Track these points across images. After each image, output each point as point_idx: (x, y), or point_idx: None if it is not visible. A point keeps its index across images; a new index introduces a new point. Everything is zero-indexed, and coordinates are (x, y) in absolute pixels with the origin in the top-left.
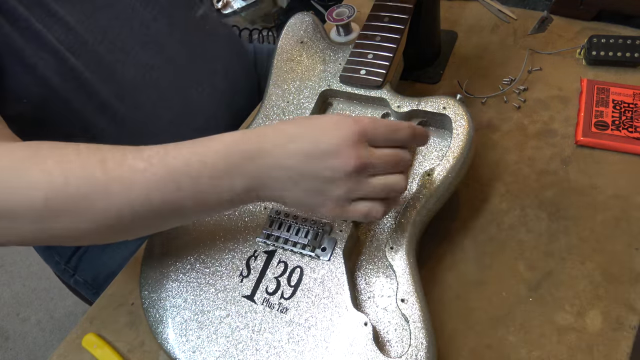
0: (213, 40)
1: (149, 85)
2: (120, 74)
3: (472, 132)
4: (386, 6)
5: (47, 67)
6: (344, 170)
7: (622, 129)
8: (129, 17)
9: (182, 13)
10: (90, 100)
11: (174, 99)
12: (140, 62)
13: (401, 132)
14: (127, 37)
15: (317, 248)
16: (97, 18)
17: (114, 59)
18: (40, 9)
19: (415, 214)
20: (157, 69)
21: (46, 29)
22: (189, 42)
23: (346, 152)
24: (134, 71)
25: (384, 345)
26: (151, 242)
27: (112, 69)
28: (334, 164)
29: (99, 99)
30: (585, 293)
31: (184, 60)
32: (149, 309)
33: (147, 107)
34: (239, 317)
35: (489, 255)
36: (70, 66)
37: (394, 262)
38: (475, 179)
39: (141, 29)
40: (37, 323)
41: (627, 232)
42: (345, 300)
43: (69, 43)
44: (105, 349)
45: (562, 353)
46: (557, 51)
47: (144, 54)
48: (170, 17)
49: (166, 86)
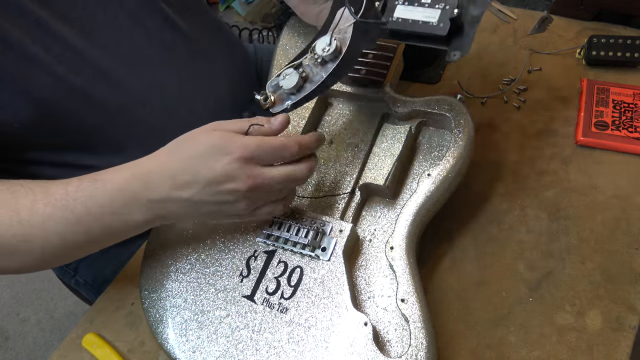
0: (217, 49)
1: (153, 99)
2: (124, 89)
3: (472, 132)
4: None
5: (44, 88)
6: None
7: (622, 129)
8: (130, 31)
9: (186, 24)
10: (94, 116)
11: (179, 111)
12: (144, 76)
13: (288, 149)
14: (129, 51)
15: (317, 248)
16: (97, 35)
17: (116, 74)
18: (38, 29)
19: (415, 214)
20: (160, 82)
21: (44, 49)
22: (192, 53)
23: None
24: (138, 85)
25: (384, 345)
26: (151, 242)
27: (115, 84)
28: (229, 187)
29: (103, 115)
30: (585, 293)
31: (188, 72)
32: (149, 309)
33: (151, 121)
34: (239, 317)
35: (489, 255)
36: (69, 85)
37: (394, 262)
38: (475, 179)
39: (143, 42)
40: (37, 323)
41: (627, 232)
42: (345, 300)
43: (69, 62)
44: (105, 349)
45: (562, 353)
46: (557, 51)
47: (146, 68)
48: (173, 28)
49: (171, 99)
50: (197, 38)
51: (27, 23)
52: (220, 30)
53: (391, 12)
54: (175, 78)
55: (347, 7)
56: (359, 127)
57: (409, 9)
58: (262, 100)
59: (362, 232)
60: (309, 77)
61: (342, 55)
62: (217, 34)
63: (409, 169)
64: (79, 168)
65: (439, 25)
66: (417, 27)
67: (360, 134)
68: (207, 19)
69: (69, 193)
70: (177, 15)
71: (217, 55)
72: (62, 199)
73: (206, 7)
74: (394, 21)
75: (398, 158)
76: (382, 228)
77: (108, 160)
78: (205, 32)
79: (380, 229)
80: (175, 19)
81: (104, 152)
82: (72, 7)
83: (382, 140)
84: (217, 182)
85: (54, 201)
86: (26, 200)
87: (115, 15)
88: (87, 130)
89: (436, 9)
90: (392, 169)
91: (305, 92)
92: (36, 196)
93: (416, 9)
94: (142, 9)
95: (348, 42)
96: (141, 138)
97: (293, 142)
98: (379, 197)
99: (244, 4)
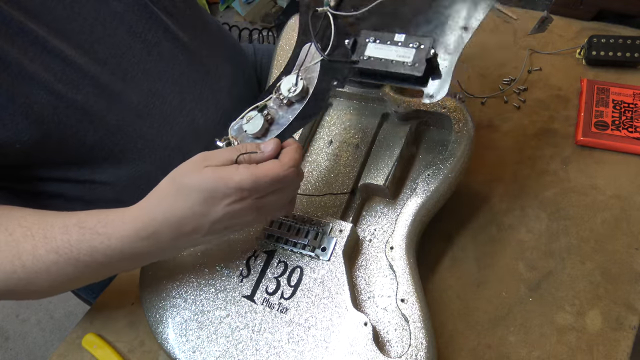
0: (218, 58)
1: (153, 112)
2: (124, 103)
3: (472, 132)
4: None
5: (44, 107)
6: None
7: (622, 129)
8: (130, 45)
9: (186, 34)
10: (94, 132)
11: (179, 123)
12: (144, 89)
13: (285, 180)
14: (128, 65)
15: (317, 248)
16: (96, 49)
17: (117, 88)
18: (36, 47)
19: (415, 214)
20: (160, 95)
21: (43, 67)
22: (193, 64)
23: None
24: (138, 98)
25: (384, 345)
26: None
27: (115, 98)
28: (235, 222)
29: (103, 129)
30: (585, 293)
31: (188, 83)
32: (149, 309)
33: (152, 133)
34: (239, 317)
35: (489, 255)
36: (69, 101)
37: (394, 262)
38: (475, 179)
39: (143, 55)
40: (37, 323)
41: (627, 232)
42: (345, 300)
43: (67, 78)
44: (105, 349)
45: (562, 353)
46: (557, 51)
47: (146, 81)
48: (173, 40)
49: (171, 111)
50: (197, 48)
51: (24, 42)
52: (221, 38)
53: (362, 50)
54: (175, 89)
55: (314, 43)
56: (359, 127)
57: (381, 47)
58: (225, 146)
59: (362, 232)
60: (275, 119)
61: (309, 96)
62: (218, 43)
63: (409, 169)
64: (80, 182)
65: (414, 65)
66: (390, 66)
67: (360, 134)
68: (208, 28)
69: (71, 243)
70: (177, 26)
71: (218, 64)
72: (64, 247)
73: (207, 17)
74: (365, 60)
75: (398, 158)
76: (382, 228)
77: (109, 174)
78: (206, 41)
79: (380, 229)
80: (175, 30)
81: (104, 166)
82: (70, 24)
83: (382, 140)
84: (222, 220)
85: (57, 249)
86: (27, 245)
87: (115, 30)
88: (87, 146)
89: (410, 48)
90: (392, 169)
91: (271, 135)
92: (36, 241)
93: (389, 47)
94: (141, 22)
95: (315, 82)
96: (141, 150)
97: (287, 168)
98: (379, 197)
99: (244, 4)
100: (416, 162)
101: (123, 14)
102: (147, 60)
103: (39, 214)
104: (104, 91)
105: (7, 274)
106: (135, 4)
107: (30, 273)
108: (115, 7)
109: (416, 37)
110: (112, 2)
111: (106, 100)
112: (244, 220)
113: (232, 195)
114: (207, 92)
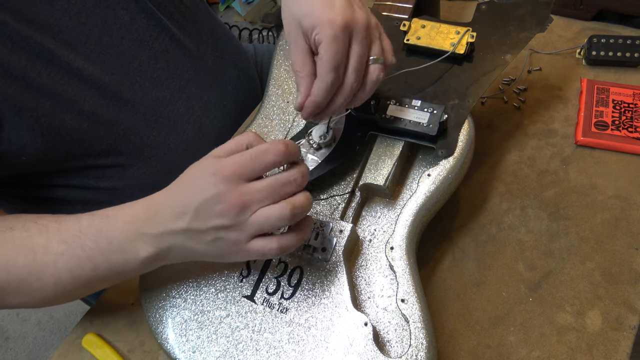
0: (224, 62)
1: (160, 120)
2: (131, 111)
3: (472, 132)
4: (386, 6)
5: (51, 118)
6: (230, 213)
7: (622, 129)
8: (137, 54)
9: (192, 41)
10: (101, 140)
11: (186, 130)
12: (151, 96)
13: (271, 151)
14: (135, 73)
15: (317, 248)
16: (103, 59)
17: (124, 97)
18: (42, 60)
19: (415, 214)
20: (167, 102)
21: (49, 79)
22: (199, 70)
23: (225, 194)
24: (145, 107)
25: (384, 345)
26: None
27: (122, 107)
28: (218, 209)
29: (110, 137)
30: (585, 293)
31: (195, 89)
32: (149, 309)
33: (159, 140)
34: (239, 317)
35: (489, 255)
36: (77, 112)
37: (394, 262)
38: (475, 179)
39: (150, 63)
40: (37, 323)
41: (627, 232)
42: (345, 301)
43: (75, 89)
44: (105, 349)
45: (562, 353)
46: (557, 51)
47: (153, 88)
48: (180, 47)
49: (178, 117)
50: (204, 54)
51: (31, 55)
52: (227, 42)
53: (384, 109)
54: (182, 96)
55: None
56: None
57: (401, 109)
58: None
59: (362, 232)
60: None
61: (336, 143)
62: (225, 48)
63: (409, 169)
64: (88, 189)
65: (429, 126)
66: (407, 124)
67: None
68: (215, 33)
69: (81, 229)
70: (183, 33)
71: (225, 69)
72: (74, 234)
73: (214, 21)
74: (387, 118)
75: (398, 158)
76: (382, 228)
77: (116, 180)
78: (213, 47)
79: (380, 229)
80: (181, 37)
81: (111, 173)
82: (77, 35)
83: (382, 141)
84: (207, 205)
85: (67, 238)
86: (40, 239)
87: (122, 39)
88: (95, 154)
89: (425, 112)
90: (392, 169)
91: None
92: (49, 234)
93: (407, 109)
94: (148, 30)
95: (341, 132)
96: (148, 158)
97: (277, 141)
98: (379, 197)
99: (244, 4)
100: (416, 162)
101: (130, 23)
102: (154, 69)
103: (56, 215)
104: (112, 100)
105: (19, 268)
106: (142, 12)
107: (39, 266)
108: (121, 17)
109: (429, 104)
110: (118, 11)
111: (114, 110)
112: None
113: (217, 174)
114: (213, 98)
